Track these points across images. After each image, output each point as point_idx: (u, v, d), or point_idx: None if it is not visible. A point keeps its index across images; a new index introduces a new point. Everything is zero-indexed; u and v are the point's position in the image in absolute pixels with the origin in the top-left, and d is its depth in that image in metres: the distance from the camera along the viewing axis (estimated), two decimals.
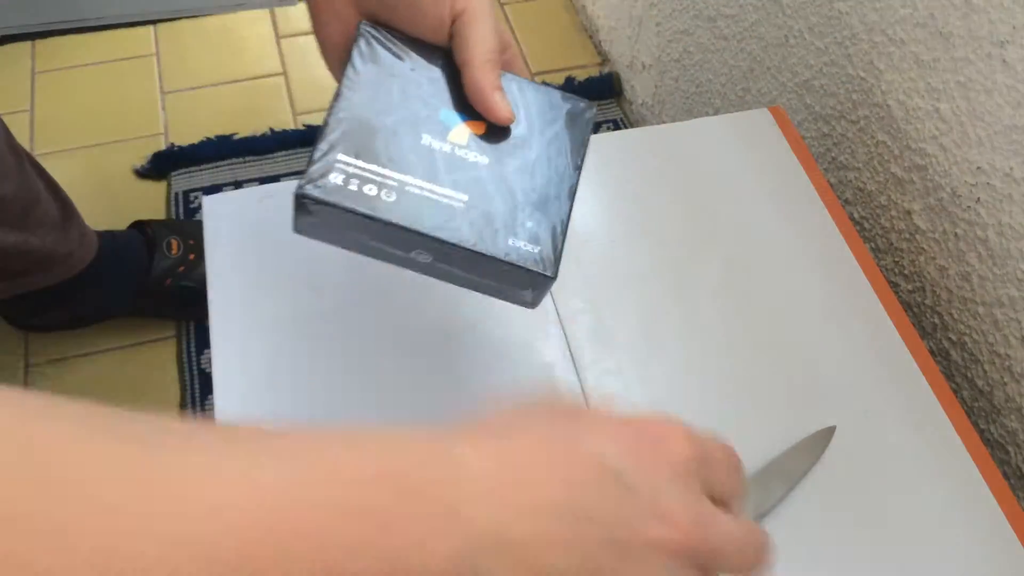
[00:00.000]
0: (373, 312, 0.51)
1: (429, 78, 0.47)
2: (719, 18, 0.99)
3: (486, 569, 0.27)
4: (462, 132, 0.46)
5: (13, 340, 1.11)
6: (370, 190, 0.42)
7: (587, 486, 0.29)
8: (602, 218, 0.65)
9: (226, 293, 0.59)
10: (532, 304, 0.48)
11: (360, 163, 0.43)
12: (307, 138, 1.30)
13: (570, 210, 0.46)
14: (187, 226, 1.14)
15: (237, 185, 1.26)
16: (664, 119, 1.23)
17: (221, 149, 1.28)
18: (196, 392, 1.09)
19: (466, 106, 0.47)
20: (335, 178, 0.42)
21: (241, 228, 0.62)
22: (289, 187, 0.65)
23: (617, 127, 1.36)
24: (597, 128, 1.36)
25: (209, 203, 0.64)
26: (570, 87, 1.38)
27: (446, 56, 0.48)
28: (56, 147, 1.29)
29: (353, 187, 0.42)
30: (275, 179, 1.26)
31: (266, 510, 0.23)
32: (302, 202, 0.42)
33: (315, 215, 0.43)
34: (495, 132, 0.46)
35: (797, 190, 0.70)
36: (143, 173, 1.27)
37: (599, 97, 1.38)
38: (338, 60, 0.48)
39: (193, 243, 1.11)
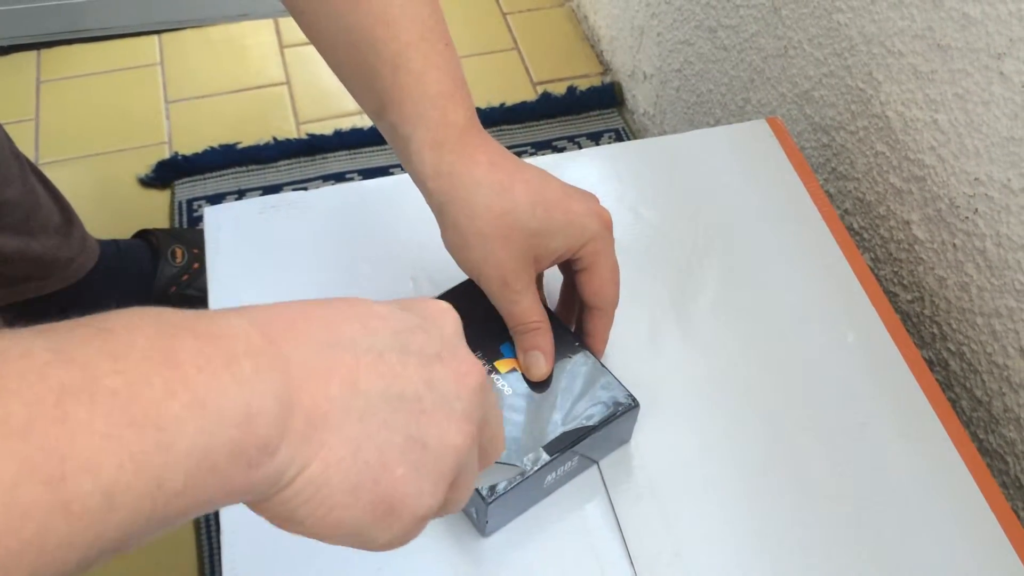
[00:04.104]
0: None
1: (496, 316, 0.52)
2: (719, 29, 0.99)
3: (325, 399, 0.27)
4: (506, 365, 0.52)
5: None
6: None
7: (394, 333, 0.30)
8: None
9: (227, 302, 0.60)
10: (478, 527, 0.51)
11: None
12: (310, 147, 1.30)
13: (541, 469, 0.49)
14: (191, 235, 1.15)
15: (240, 194, 1.27)
16: (665, 128, 1.23)
17: (225, 158, 1.29)
18: None
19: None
20: None
21: (242, 238, 0.63)
22: (290, 197, 0.66)
23: (619, 136, 1.36)
24: (598, 138, 1.36)
25: (210, 214, 0.64)
26: (572, 96, 1.38)
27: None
28: (61, 156, 1.30)
29: None
30: (278, 188, 1.27)
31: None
32: None
33: None
34: (534, 386, 0.51)
35: (794, 201, 0.70)
36: (147, 182, 1.28)
37: (601, 106, 1.39)
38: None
39: (197, 252, 1.12)
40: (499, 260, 0.47)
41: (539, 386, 0.51)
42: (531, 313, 0.49)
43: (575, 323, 0.56)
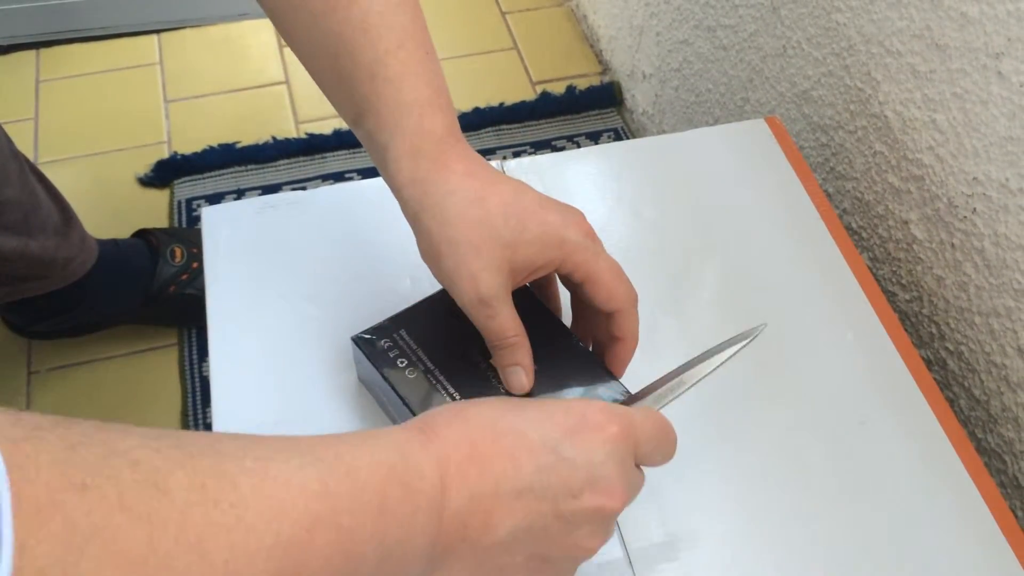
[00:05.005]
0: (369, 321, 0.52)
1: None
2: (718, 28, 0.99)
3: (459, 540, 0.36)
4: None
5: (16, 347, 1.11)
6: (401, 362, 0.50)
7: (538, 470, 0.38)
8: (601, 228, 0.65)
9: (225, 302, 0.60)
10: None
11: (410, 341, 0.51)
12: (309, 146, 1.30)
13: None
14: (190, 234, 1.15)
15: (239, 193, 1.27)
16: (664, 128, 1.23)
17: (224, 157, 1.29)
18: (198, 399, 1.09)
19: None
20: (384, 343, 0.51)
21: (240, 238, 0.63)
22: (289, 197, 0.66)
23: (618, 136, 1.36)
24: (597, 138, 1.36)
25: (208, 213, 0.64)
26: (571, 96, 1.38)
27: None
28: (60, 155, 1.30)
29: (392, 354, 0.50)
30: (277, 187, 1.27)
31: (306, 510, 0.31)
32: (353, 342, 0.51)
33: (358, 357, 0.52)
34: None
35: (793, 200, 0.70)
36: (146, 181, 1.28)
37: (600, 106, 1.39)
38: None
39: (196, 251, 1.12)
40: (471, 271, 0.45)
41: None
42: (508, 329, 0.47)
43: (592, 335, 0.54)
